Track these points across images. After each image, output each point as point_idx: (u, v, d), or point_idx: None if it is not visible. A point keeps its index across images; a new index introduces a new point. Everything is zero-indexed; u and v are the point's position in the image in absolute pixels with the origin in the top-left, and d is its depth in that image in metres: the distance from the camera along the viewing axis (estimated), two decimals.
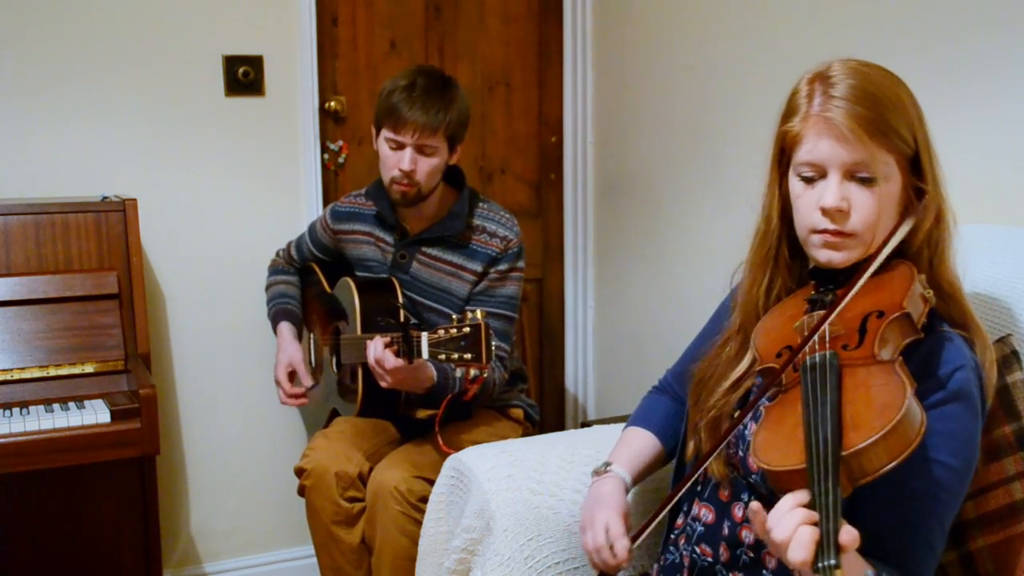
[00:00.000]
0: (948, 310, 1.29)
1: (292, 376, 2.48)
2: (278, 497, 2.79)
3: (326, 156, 2.87)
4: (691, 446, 1.43)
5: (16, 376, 2.16)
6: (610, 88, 3.01)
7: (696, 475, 1.36)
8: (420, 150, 2.23)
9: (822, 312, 1.25)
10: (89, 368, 2.22)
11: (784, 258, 1.38)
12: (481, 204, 2.39)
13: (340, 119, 2.89)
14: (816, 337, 1.20)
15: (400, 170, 2.23)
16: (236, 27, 2.65)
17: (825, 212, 1.25)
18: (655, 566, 1.51)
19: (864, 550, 1.18)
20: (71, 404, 2.12)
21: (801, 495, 1.05)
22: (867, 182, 1.24)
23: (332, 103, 2.86)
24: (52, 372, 2.18)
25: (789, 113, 1.31)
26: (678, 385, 1.64)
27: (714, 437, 1.36)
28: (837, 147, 1.24)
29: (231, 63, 2.65)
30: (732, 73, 2.48)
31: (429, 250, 2.36)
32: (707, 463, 1.34)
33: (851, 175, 1.25)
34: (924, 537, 1.20)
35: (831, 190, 1.24)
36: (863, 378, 1.14)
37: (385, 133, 2.25)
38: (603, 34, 3.02)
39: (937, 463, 1.19)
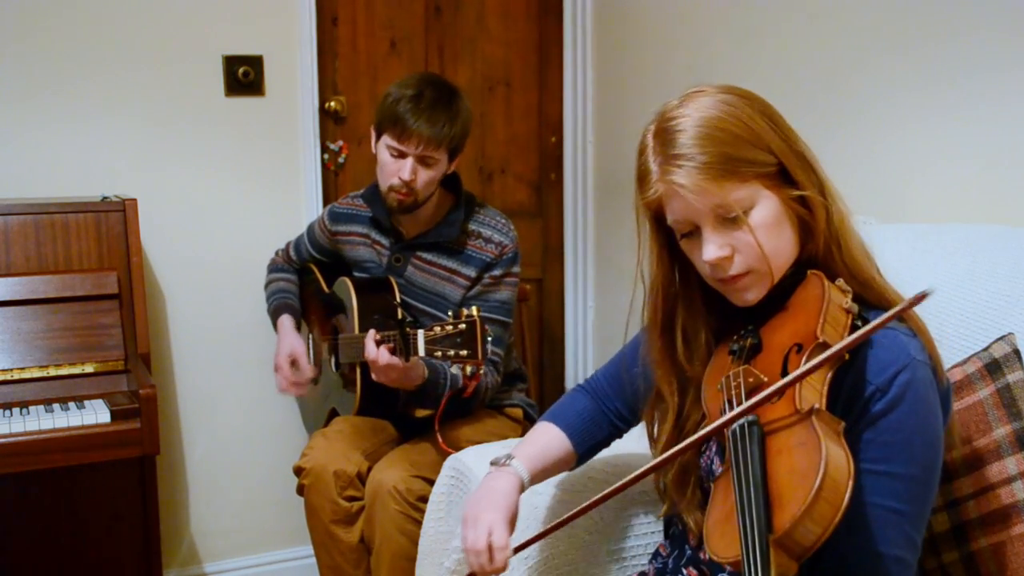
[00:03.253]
0: (871, 298, 1.26)
1: (293, 366, 2.48)
2: (278, 497, 2.79)
3: (326, 156, 2.87)
4: (665, 505, 1.41)
5: (16, 376, 2.16)
6: (610, 88, 3.01)
7: (620, 485, 1.28)
8: (421, 161, 2.23)
9: (744, 367, 1.21)
10: (89, 368, 2.22)
11: (698, 305, 1.34)
12: (477, 209, 2.38)
13: (340, 119, 2.89)
14: (737, 396, 1.16)
15: (400, 179, 2.23)
16: (236, 27, 2.65)
17: (712, 265, 1.23)
18: (650, 567, 1.51)
19: None
20: (71, 404, 2.11)
21: None
22: (736, 221, 1.21)
23: (332, 103, 2.86)
24: (52, 372, 2.18)
25: (641, 178, 1.28)
26: (609, 386, 1.59)
27: (682, 492, 1.34)
28: (691, 204, 1.21)
29: (231, 63, 2.65)
30: (732, 74, 2.48)
31: (424, 254, 2.36)
32: (638, 474, 1.26)
33: (720, 219, 1.22)
34: (892, 554, 1.16)
35: (708, 245, 1.22)
36: (785, 440, 1.09)
37: (387, 140, 2.24)
38: (603, 34, 3.02)
39: (894, 476, 1.15)
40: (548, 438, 1.55)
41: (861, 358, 1.18)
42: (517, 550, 1.41)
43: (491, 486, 1.45)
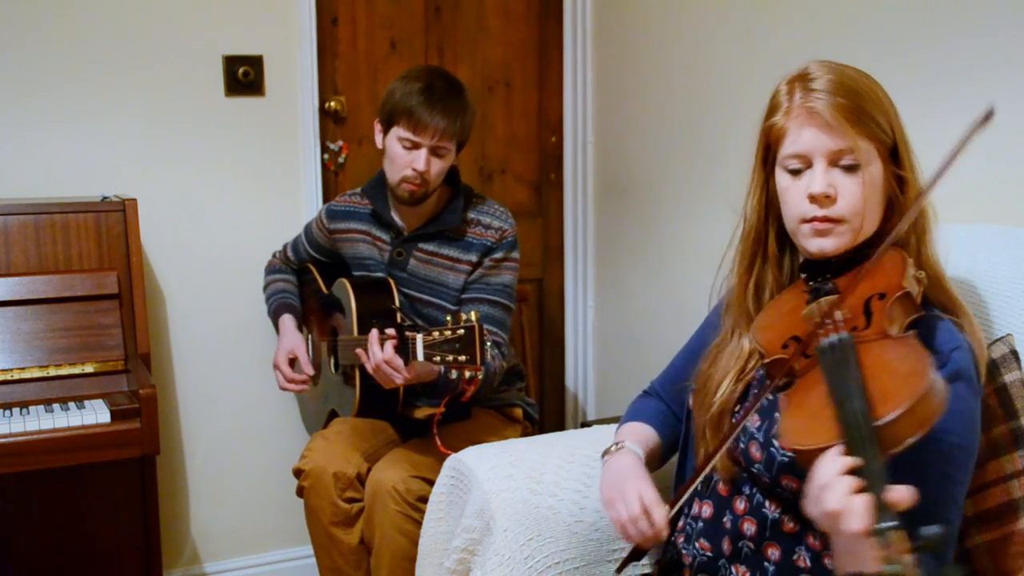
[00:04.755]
0: (936, 295, 1.33)
1: (293, 364, 2.48)
2: (278, 497, 2.79)
3: (326, 156, 2.87)
4: (700, 451, 1.43)
5: (16, 376, 2.16)
6: (610, 88, 3.01)
7: (707, 470, 1.35)
8: (434, 152, 2.25)
9: (830, 298, 1.28)
10: (89, 368, 2.22)
11: (772, 255, 1.41)
12: (476, 200, 2.41)
13: (340, 119, 2.89)
14: (824, 323, 1.23)
15: (414, 170, 2.24)
16: (236, 27, 2.65)
17: (813, 199, 1.30)
18: (655, 565, 1.51)
19: None
20: (71, 404, 2.12)
21: (843, 460, 1.05)
22: (851, 169, 1.29)
23: (332, 103, 2.86)
24: (52, 372, 2.18)
25: (772, 110, 1.36)
26: (666, 394, 1.64)
27: (718, 434, 1.37)
28: (820, 135, 1.29)
29: (231, 63, 2.65)
30: (731, 73, 2.48)
31: (426, 246, 2.37)
32: (715, 459, 1.33)
33: (835, 162, 1.29)
34: (943, 515, 1.21)
35: (818, 177, 1.29)
36: (879, 353, 1.17)
37: (399, 132, 2.25)
38: (603, 34, 3.02)
39: (945, 442, 1.21)
40: (641, 429, 1.60)
41: (921, 335, 1.24)
42: (671, 506, 1.39)
43: (618, 466, 1.48)
